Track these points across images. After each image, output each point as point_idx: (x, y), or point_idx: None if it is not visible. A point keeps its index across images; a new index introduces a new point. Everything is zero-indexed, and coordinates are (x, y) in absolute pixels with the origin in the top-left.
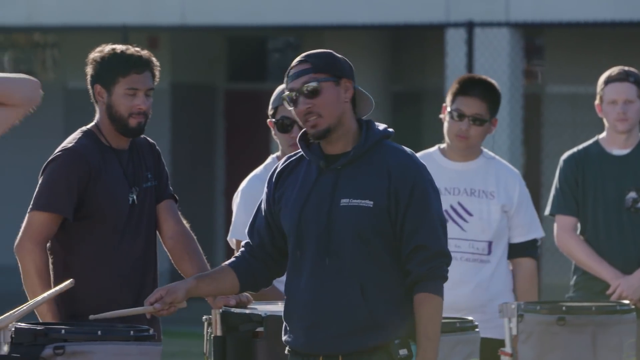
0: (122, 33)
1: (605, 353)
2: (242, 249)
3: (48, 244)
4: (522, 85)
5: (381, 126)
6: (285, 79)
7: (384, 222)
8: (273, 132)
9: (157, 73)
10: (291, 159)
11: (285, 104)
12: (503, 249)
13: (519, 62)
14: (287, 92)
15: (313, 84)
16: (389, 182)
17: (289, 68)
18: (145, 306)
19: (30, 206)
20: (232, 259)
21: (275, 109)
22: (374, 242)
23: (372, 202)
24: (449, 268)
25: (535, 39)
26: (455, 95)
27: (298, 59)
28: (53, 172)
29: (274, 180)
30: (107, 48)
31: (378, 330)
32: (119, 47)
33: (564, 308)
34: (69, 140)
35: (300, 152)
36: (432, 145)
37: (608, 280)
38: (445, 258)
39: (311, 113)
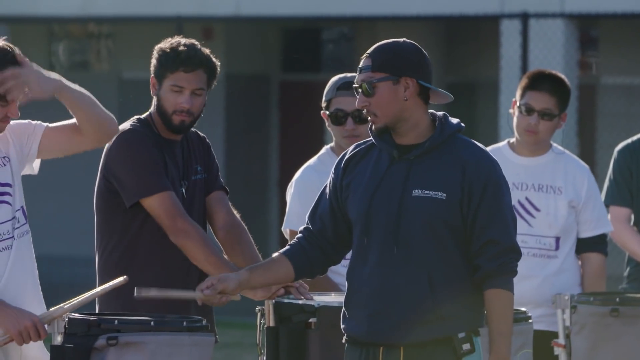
0: (177, 24)
1: None
2: (300, 235)
3: (103, 229)
4: (577, 77)
5: (455, 120)
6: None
7: (455, 215)
8: (327, 124)
9: (215, 76)
10: (360, 147)
11: None
12: (571, 245)
13: (573, 53)
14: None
15: (367, 84)
16: (463, 176)
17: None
18: (196, 292)
19: (141, 194)
20: (287, 246)
21: (329, 101)
22: (443, 233)
23: (444, 195)
24: None
25: (590, 30)
26: (525, 90)
27: (368, 51)
28: (137, 155)
29: (342, 166)
30: (173, 41)
31: (442, 322)
32: (183, 43)
33: (617, 299)
34: (130, 126)
35: (370, 140)
36: (485, 136)
37: None
38: (516, 254)
39: (368, 111)
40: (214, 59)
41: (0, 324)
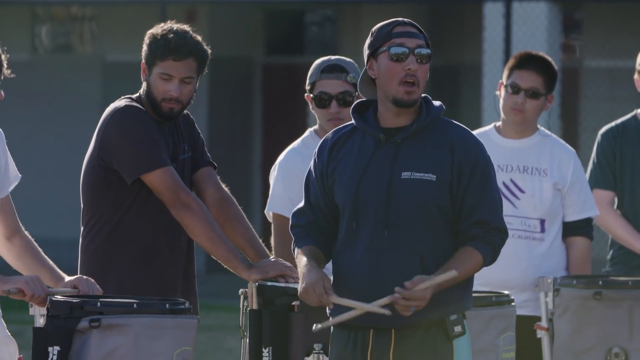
0: (161, 6)
1: None
2: (302, 228)
3: (93, 206)
4: (560, 60)
5: (436, 102)
6: (382, 33)
7: (444, 197)
8: (311, 107)
9: (205, 63)
10: (342, 131)
11: (384, 57)
12: (557, 229)
13: (556, 37)
14: (394, 47)
15: (427, 51)
16: (452, 157)
17: (391, 25)
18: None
19: (142, 170)
20: (305, 238)
21: (313, 83)
22: (434, 215)
23: (434, 176)
24: None
25: (573, 13)
26: (512, 70)
27: (401, 20)
28: (137, 131)
29: (326, 152)
30: (165, 27)
31: (434, 305)
32: (174, 30)
33: (600, 282)
34: (125, 103)
35: (350, 123)
36: (468, 119)
37: None
38: (503, 233)
39: (414, 76)
40: (204, 46)
41: (5, 283)
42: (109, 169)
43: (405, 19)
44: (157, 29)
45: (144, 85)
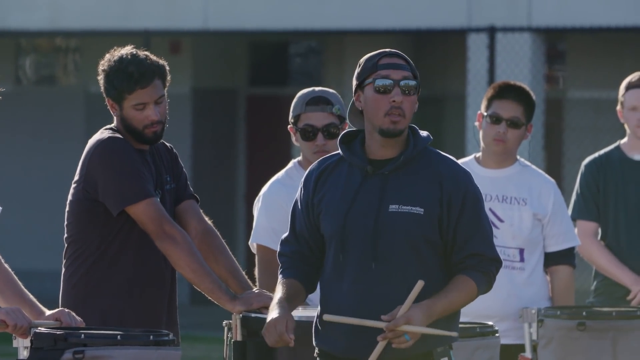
0: (144, 38)
1: (626, 358)
2: (288, 257)
3: (78, 238)
4: (544, 90)
5: (424, 133)
6: (369, 65)
7: (433, 230)
8: (294, 139)
9: (167, 76)
10: (328, 162)
11: (369, 89)
12: (537, 258)
13: (540, 67)
14: (379, 79)
15: (414, 83)
16: (441, 191)
17: (377, 57)
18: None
19: (127, 201)
20: (289, 269)
21: (298, 116)
22: (422, 248)
23: (422, 210)
24: None
25: (557, 44)
26: (491, 100)
27: (387, 51)
28: (121, 163)
29: (312, 182)
30: (114, 58)
31: (422, 337)
32: (124, 59)
33: (584, 313)
34: (109, 134)
35: (337, 153)
36: (452, 149)
37: (628, 286)
38: (498, 263)
39: (399, 109)
40: (159, 61)
41: None
42: (95, 201)
43: (392, 50)
44: (109, 64)
45: (117, 119)
